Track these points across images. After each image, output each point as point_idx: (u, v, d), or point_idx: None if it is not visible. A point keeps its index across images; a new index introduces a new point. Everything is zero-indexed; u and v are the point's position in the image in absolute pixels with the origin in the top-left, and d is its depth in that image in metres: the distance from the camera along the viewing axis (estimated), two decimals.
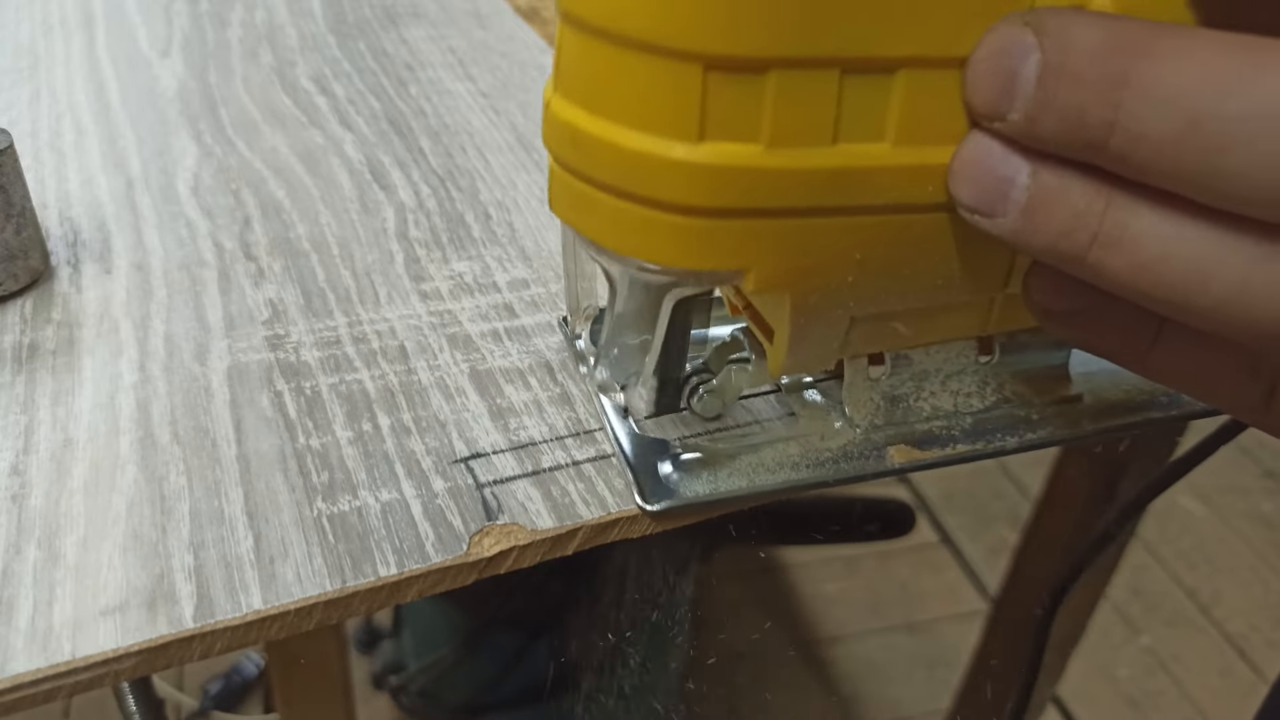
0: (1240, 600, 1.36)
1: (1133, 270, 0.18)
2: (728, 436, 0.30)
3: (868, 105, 0.21)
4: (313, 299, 0.35)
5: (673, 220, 0.22)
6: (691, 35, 0.20)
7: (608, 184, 0.22)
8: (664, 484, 0.28)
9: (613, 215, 0.23)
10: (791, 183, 0.21)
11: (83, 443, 0.29)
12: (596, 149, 0.22)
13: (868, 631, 1.31)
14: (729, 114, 0.20)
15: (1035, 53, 0.18)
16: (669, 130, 0.21)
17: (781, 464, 0.29)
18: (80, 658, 0.23)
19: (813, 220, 0.22)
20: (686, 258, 0.23)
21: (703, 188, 0.21)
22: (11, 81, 0.49)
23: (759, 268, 0.23)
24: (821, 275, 0.23)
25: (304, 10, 0.59)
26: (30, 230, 0.34)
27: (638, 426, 0.30)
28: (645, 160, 0.21)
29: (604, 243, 0.23)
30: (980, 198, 0.20)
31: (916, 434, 0.30)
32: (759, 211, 0.22)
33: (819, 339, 0.26)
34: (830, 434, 0.30)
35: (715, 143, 0.21)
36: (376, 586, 0.25)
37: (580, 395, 0.32)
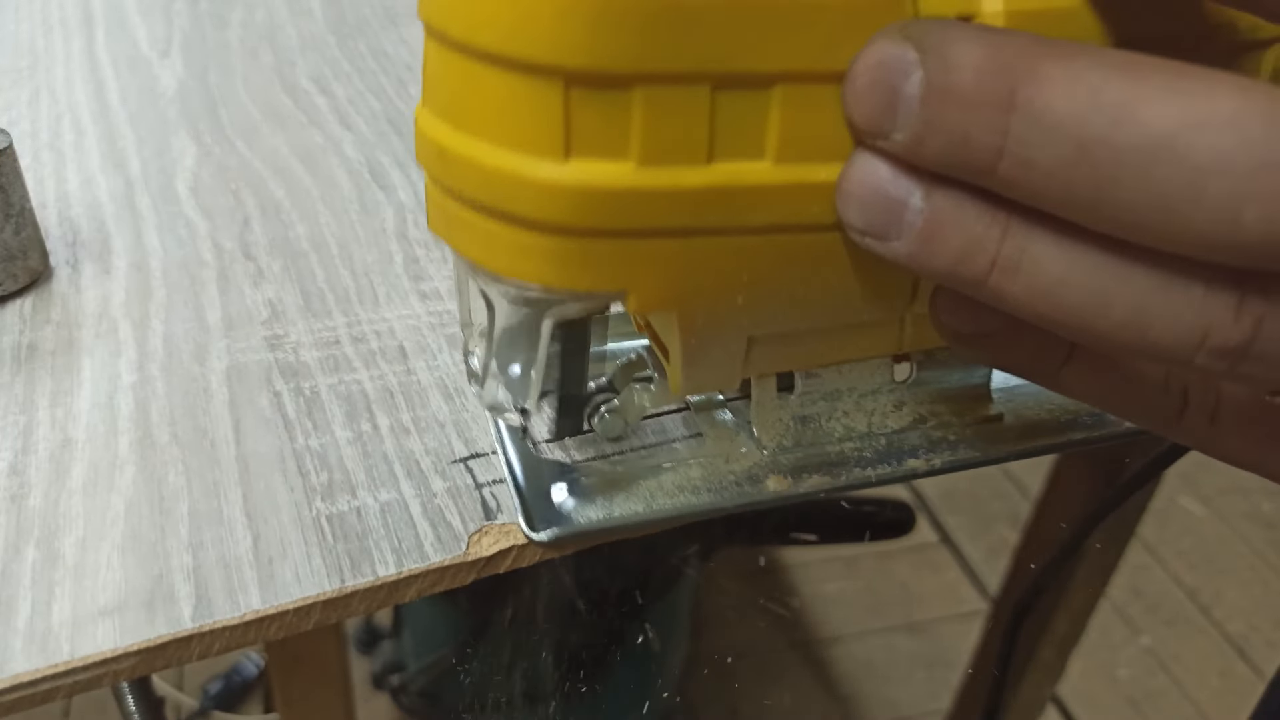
0: (1240, 600, 1.36)
1: (1032, 296, 0.18)
2: (630, 459, 0.29)
3: (744, 122, 0.20)
4: (312, 299, 0.35)
5: (543, 240, 0.21)
6: (552, 50, 0.19)
7: (477, 202, 0.21)
8: (557, 510, 0.27)
9: (484, 234, 0.21)
10: (666, 202, 0.20)
11: (81, 443, 0.29)
12: (463, 166, 0.21)
13: (868, 631, 1.31)
14: (595, 131, 0.19)
15: (917, 70, 0.17)
16: (533, 148, 0.20)
17: (682, 488, 0.28)
18: (79, 658, 0.24)
19: (693, 241, 0.21)
20: (560, 278, 0.21)
21: (571, 207, 0.20)
22: (11, 81, 0.49)
23: (639, 289, 0.22)
24: (707, 296, 0.22)
25: (304, 10, 0.59)
26: (29, 230, 0.34)
27: (537, 448, 0.29)
28: (511, 179, 0.20)
29: (477, 262, 0.22)
30: (871, 221, 0.19)
31: (827, 456, 0.29)
32: (634, 232, 0.21)
33: (715, 359, 0.24)
34: (736, 456, 0.29)
35: (582, 160, 0.20)
36: (375, 586, 0.25)
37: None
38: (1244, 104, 0.15)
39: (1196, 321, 0.16)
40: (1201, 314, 0.16)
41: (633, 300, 0.22)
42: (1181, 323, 0.16)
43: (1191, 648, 1.30)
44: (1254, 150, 0.14)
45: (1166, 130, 0.15)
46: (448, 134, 0.21)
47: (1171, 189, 0.15)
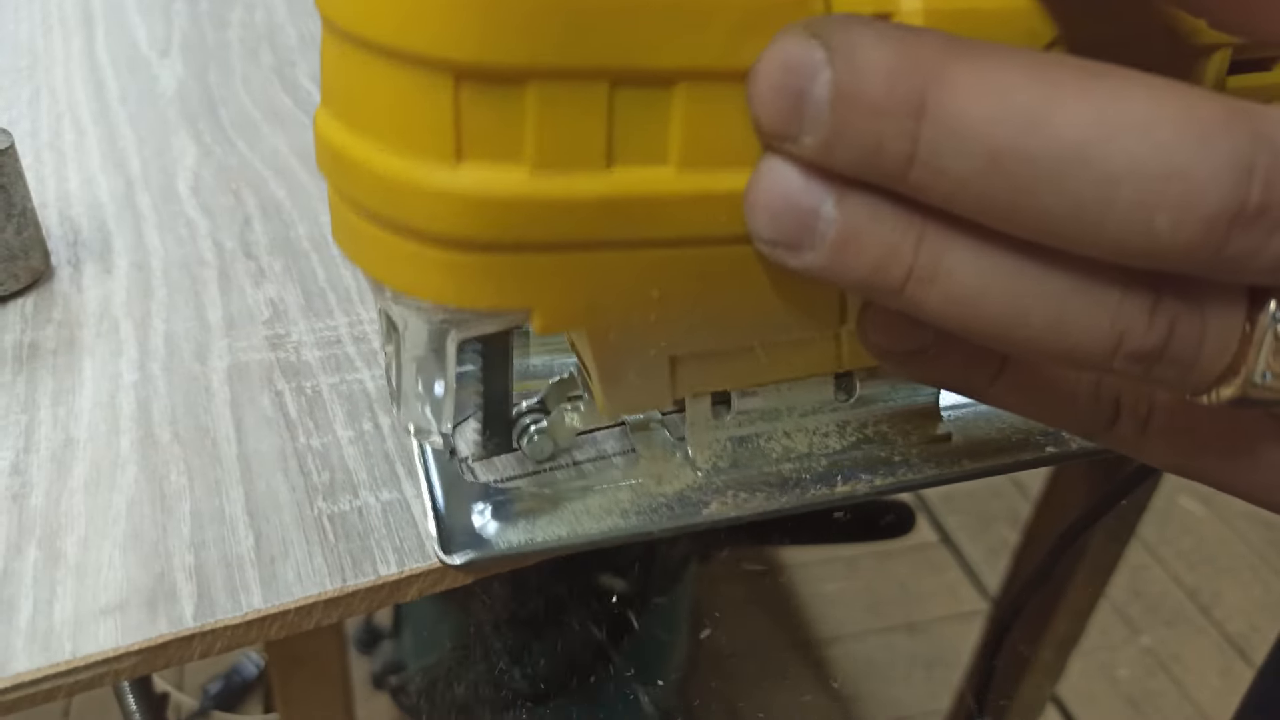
0: (1240, 600, 1.36)
1: (949, 304, 0.17)
2: (560, 479, 0.28)
3: (645, 124, 0.18)
4: (313, 298, 0.35)
5: (441, 254, 0.19)
6: (441, 42, 0.17)
7: (372, 211, 0.19)
8: (476, 534, 0.26)
9: (375, 243, 0.20)
10: (564, 212, 0.19)
11: (83, 442, 0.29)
12: (357, 172, 0.19)
13: (868, 631, 1.31)
14: (487, 132, 0.18)
15: (825, 70, 0.16)
16: (424, 150, 0.18)
17: (609, 510, 0.27)
18: (80, 657, 0.23)
19: (595, 254, 0.20)
20: (459, 296, 0.20)
21: (464, 218, 0.19)
22: (11, 81, 0.49)
23: (543, 307, 0.20)
24: (617, 314, 0.21)
25: (304, 10, 0.59)
26: (31, 230, 0.34)
27: (467, 468, 0.28)
28: (402, 186, 0.19)
29: (376, 277, 0.21)
30: (782, 231, 0.18)
31: (764, 476, 0.28)
32: (533, 245, 0.19)
33: (637, 378, 0.23)
34: (669, 477, 0.28)
35: (474, 165, 0.18)
36: (377, 585, 0.25)
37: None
38: (1156, 108, 0.14)
39: (1113, 326, 0.16)
40: (1118, 318, 0.16)
41: (538, 319, 0.20)
42: (1099, 327, 0.16)
43: (1191, 648, 1.30)
44: (1164, 156, 0.14)
45: (1078, 137, 0.15)
46: (343, 136, 0.19)
47: (1085, 196, 0.15)
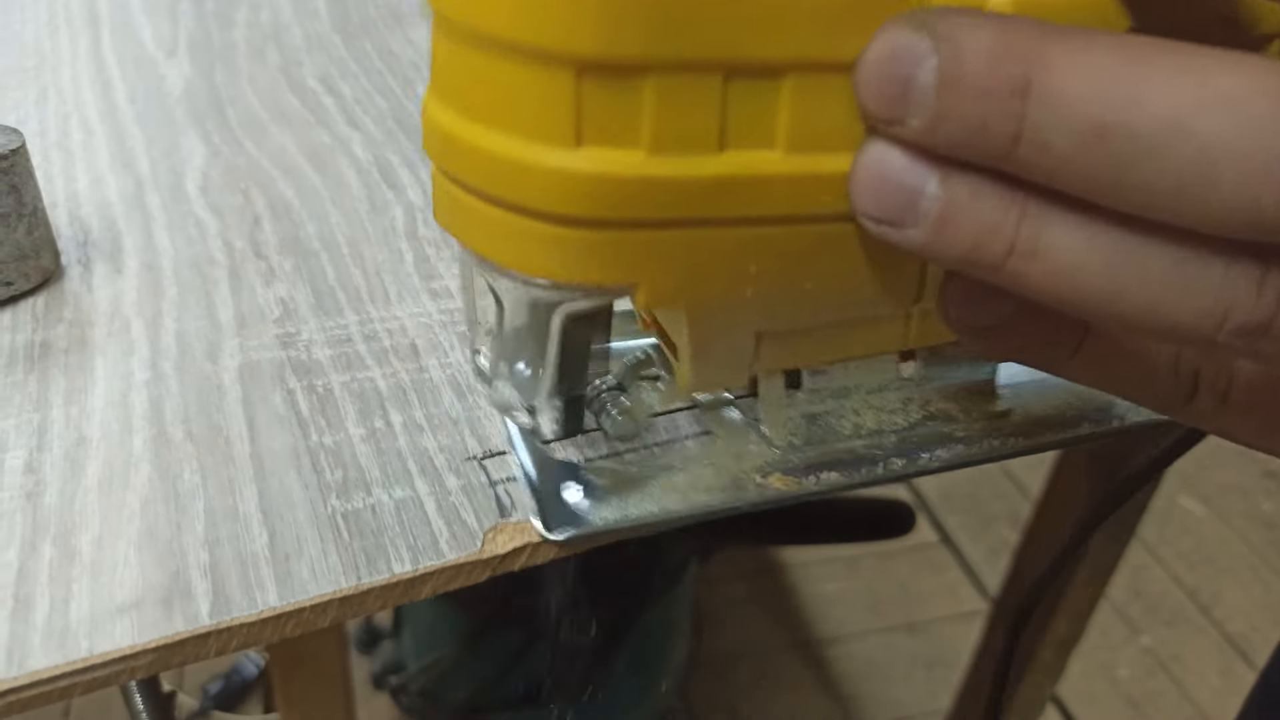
0: (1240, 600, 1.36)
1: (1050, 279, 0.18)
2: (640, 458, 0.29)
3: (755, 111, 0.20)
4: (323, 297, 0.35)
5: (552, 231, 0.20)
6: (564, 38, 0.18)
7: (484, 192, 0.21)
8: (571, 511, 0.27)
9: (492, 225, 0.21)
10: (676, 192, 0.20)
11: (96, 440, 0.29)
12: (471, 155, 0.20)
13: (868, 631, 1.31)
14: (606, 119, 0.19)
15: (931, 58, 0.17)
16: (544, 136, 0.19)
17: (694, 487, 0.28)
18: (97, 655, 0.24)
19: (703, 232, 0.21)
20: (569, 271, 0.21)
21: (580, 197, 0.20)
22: (18, 81, 0.49)
23: (649, 282, 0.21)
24: (717, 290, 0.22)
25: (309, 10, 0.59)
26: (42, 230, 0.34)
27: (547, 447, 0.29)
28: (519, 167, 0.20)
29: (485, 254, 0.22)
30: (886, 209, 0.19)
31: (837, 453, 0.29)
32: (643, 223, 0.20)
33: (724, 355, 0.24)
34: (747, 454, 0.29)
35: (593, 149, 0.19)
36: (392, 583, 0.26)
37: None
38: (1250, 84, 0.15)
39: (1218, 300, 0.16)
40: (1223, 292, 0.16)
41: (641, 295, 0.21)
42: (1202, 302, 0.16)
43: (1191, 648, 1.30)
44: (1263, 132, 0.15)
45: (1176, 113, 0.15)
46: (456, 122, 0.20)
47: (1187, 170, 0.15)
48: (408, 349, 0.33)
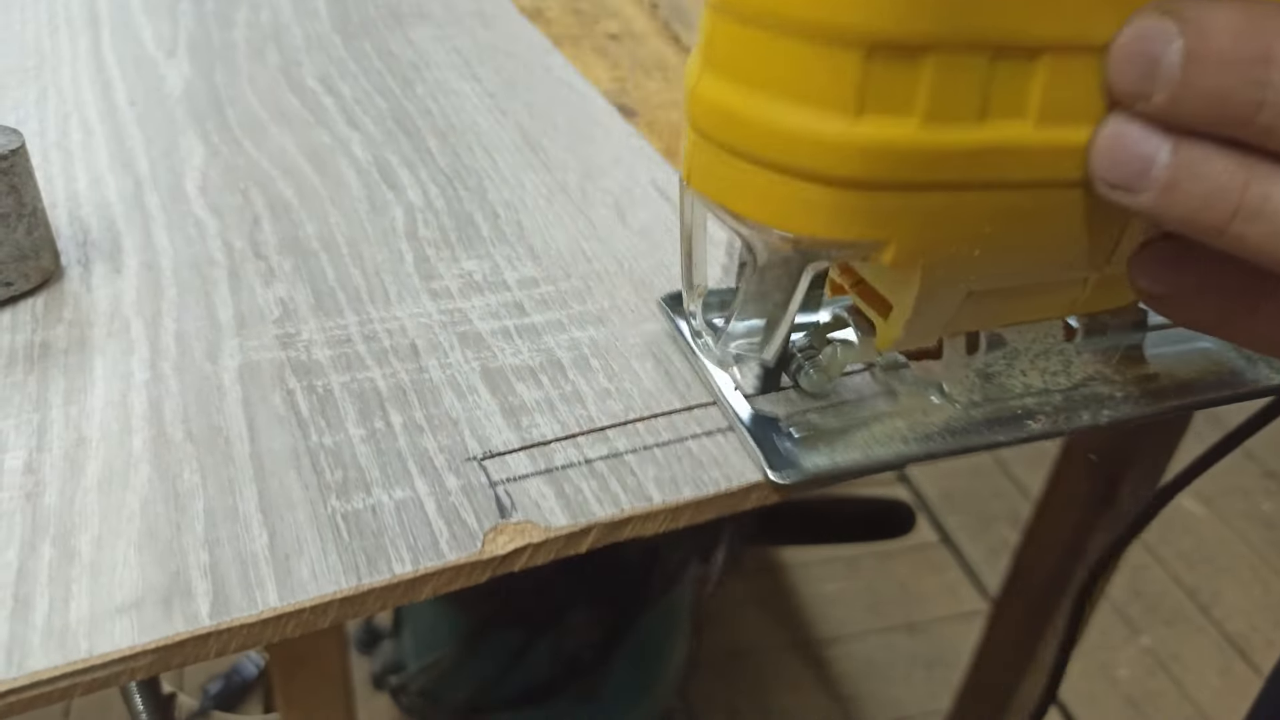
0: (1240, 600, 1.36)
1: (1272, 239, 0.20)
2: (833, 413, 0.31)
3: (1014, 86, 0.22)
4: (323, 298, 0.35)
5: (825, 192, 0.23)
6: (860, 19, 0.21)
7: (761, 157, 0.23)
8: (785, 459, 0.29)
9: (763, 188, 0.24)
10: (940, 158, 0.23)
11: (95, 440, 0.29)
12: (752, 125, 0.23)
13: (868, 631, 1.31)
14: (887, 92, 0.22)
15: (1177, 39, 0.20)
16: (828, 106, 0.22)
17: (892, 438, 0.30)
18: (97, 655, 0.24)
19: (955, 195, 0.23)
20: (836, 229, 0.23)
21: (858, 161, 0.22)
22: (18, 81, 0.49)
23: (900, 240, 0.24)
24: (953, 249, 0.25)
25: (309, 10, 0.59)
26: (41, 230, 0.34)
27: (750, 404, 0.31)
28: (803, 135, 0.22)
29: (751, 215, 0.24)
30: (1121, 175, 0.22)
31: (1011, 409, 0.32)
32: (907, 185, 0.23)
33: (935, 313, 0.27)
34: (931, 410, 0.31)
35: (872, 118, 0.22)
36: (392, 584, 0.26)
37: (592, 393, 0.32)
38: None
39: None
40: None
41: (890, 251, 0.24)
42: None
43: (1191, 648, 1.30)
44: None
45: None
46: (736, 95, 0.23)
47: None
48: (407, 349, 0.33)
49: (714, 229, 0.38)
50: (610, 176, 0.44)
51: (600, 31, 0.62)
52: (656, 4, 0.67)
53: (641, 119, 0.51)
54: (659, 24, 0.64)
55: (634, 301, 0.36)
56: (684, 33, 0.62)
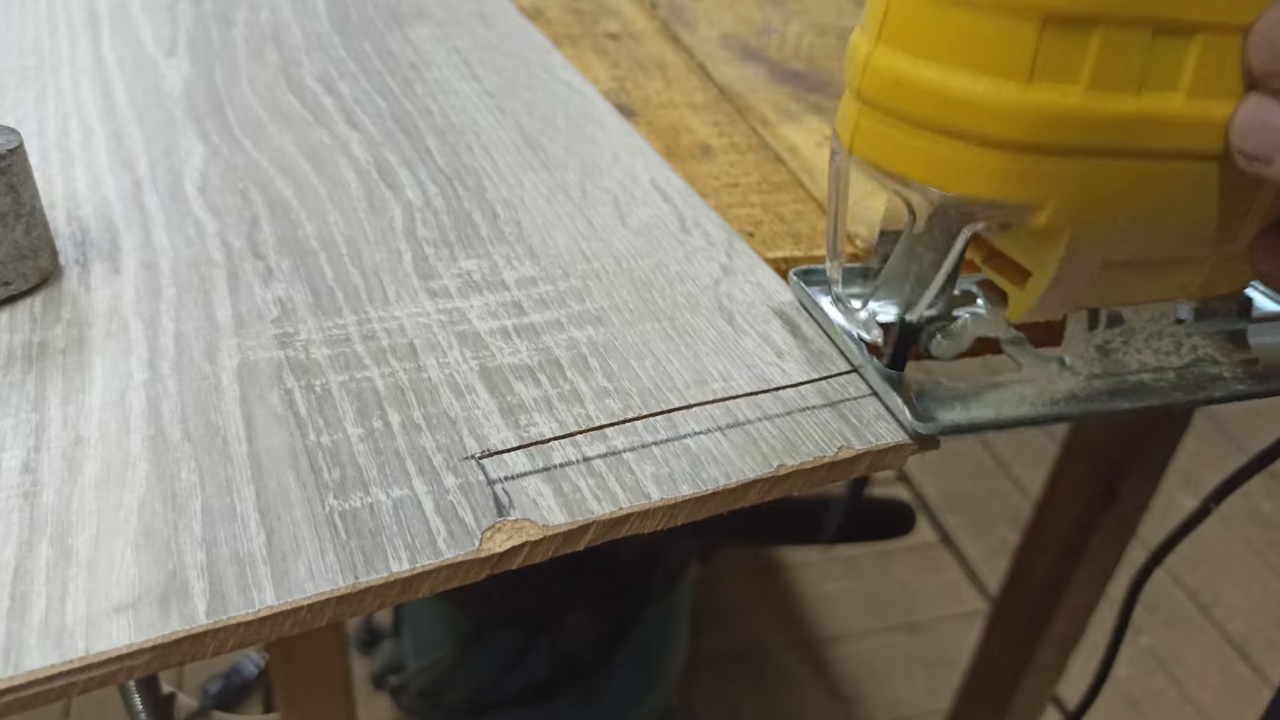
0: (1240, 600, 1.36)
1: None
2: (958, 381, 0.33)
3: (1170, 61, 0.25)
4: (321, 297, 0.35)
5: (992, 155, 0.25)
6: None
7: (932, 122, 0.26)
8: (923, 413, 0.31)
9: (931, 152, 0.26)
10: (1100, 125, 0.25)
11: (93, 440, 0.29)
12: (925, 92, 0.25)
13: (868, 631, 1.31)
14: (1057, 61, 0.24)
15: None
16: (1000, 73, 0.24)
17: (1020, 401, 0.32)
18: (94, 654, 0.24)
19: (1108, 161, 0.26)
20: (1001, 190, 0.26)
21: (1027, 125, 0.24)
22: (18, 81, 0.49)
23: (1055, 203, 0.26)
24: (1101, 215, 0.27)
25: (309, 10, 0.59)
26: (40, 230, 0.34)
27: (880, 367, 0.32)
28: (976, 100, 0.25)
29: (920, 178, 0.27)
30: (1257, 147, 0.24)
31: (1130, 384, 0.34)
32: (1069, 149, 0.25)
33: (1071, 283, 0.29)
34: (1056, 378, 0.33)
35: (1041, 84, 0.24)
36: (389, 582, 0.26)
37: (590, 393, 0.32)
38: None
39: None
40: None
41: (1044, 215, 0.26)
42: None
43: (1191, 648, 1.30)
44: None
45: None
46: (912, 65, 0.26)
47: None
48: (406, 349, 0.33)
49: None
50: (609, 176, 0.44)
51: (600, 31, 0.62)
52: (656, 4, 0.67)
53: (641, 119, 0.51)
54: (659, 24, 0.64)
55: (633, 301, 0.36)
56: (684, 32, 0.63)
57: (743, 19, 0.66)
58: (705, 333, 0.35)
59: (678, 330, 0.35)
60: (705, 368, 0.33)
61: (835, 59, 0.61)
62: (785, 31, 0.64)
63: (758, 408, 0.32)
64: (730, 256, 0.39)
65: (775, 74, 0.58)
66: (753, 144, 0.50)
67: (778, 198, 0.46)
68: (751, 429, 0.31)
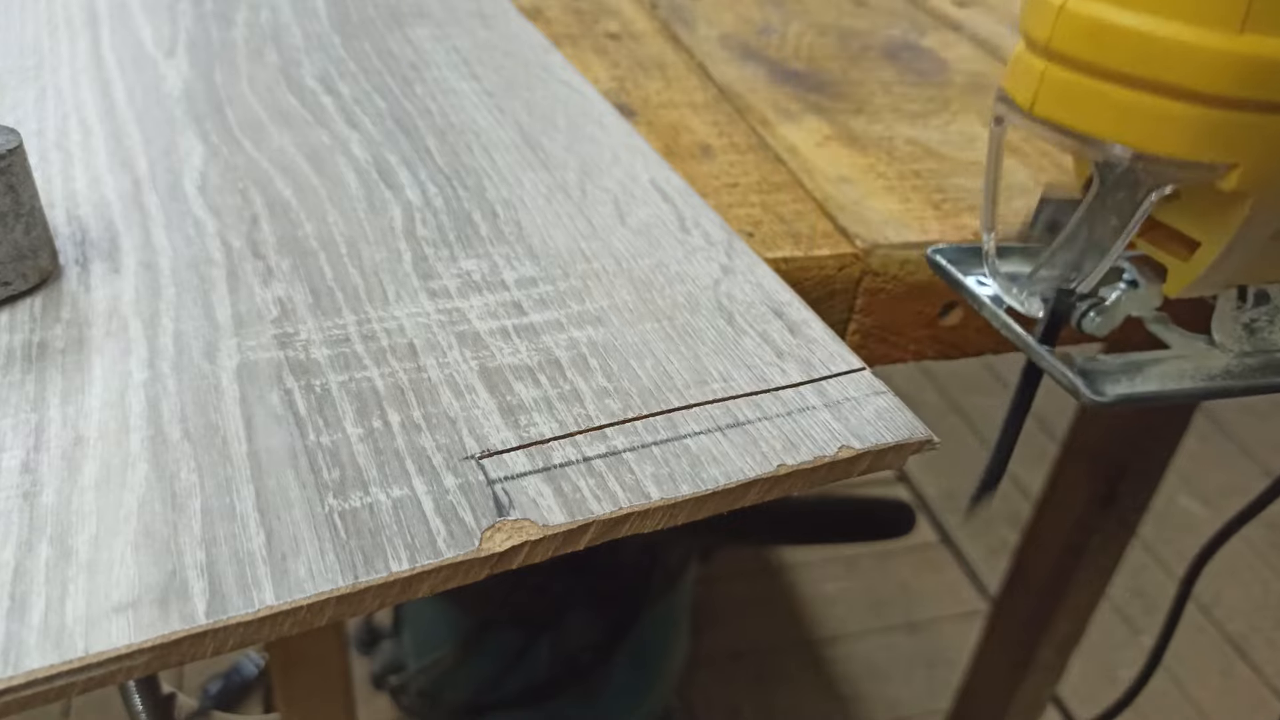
0: (1240, 600, 1.36)
1: None
2: (1110, 357, 0.32)
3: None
4: (321, 297, 0.35)
5: (1191, 110, 0.24)
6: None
7: (1130, 74, 0.24)
8: (1093, 385, 0.30)
9: (1126, 108, 0.25)
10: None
11: (93, 440, 0.29)
12: (1125, 40, 0.24)
13: (868, 631, 1.31)
14: (1274, 6, 0.22)
15: None
16: (1213, 20, 0.22)
17: (1181, 376, 0.32)
18: (94, 654, 0.24)
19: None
20: (1194, 149, 0.24)
21: (1235, 78, 0.23)
22: (17, 81, 0.49)
23: (1248, 165, 0.25)
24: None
25: (308, 10, 0.59)
26: (39, 230, 0.34)
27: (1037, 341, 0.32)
28: (1182, 49, 0.23)
29: (1111, 136, 0.25)
30: None
31: (1274, 361, 0.33)
32: (1273, 106, 0.23)
33: (1241, 253, 0.28)
34: (1209, 355, 0.33)
35: (1255, 35, 0.22)
36: (389, 582, 0.25)
37: (590, 393, 0.32)
38: None
39: None
40: None
41: (1235, 177, 0.25)
42: None
43: (1191, 648, 1.30)
44: None
45: None
46: (1111, 11, 0.24)
47: None
48: (405, 349, 0.33)
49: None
50: (609, 176, 0.44)
51: (600, 31, 0.62)
52: (656, 3, 0.67)
53: (641, 119, 0.51)
54: (658, 23, 0.64)
55: (633, 301, 0.36)
56: (683, 32, 0.63)
57: (743, 19, 0.66)
58: (705, 333, 0.35)
59: (677, 330, 0.35)
60: (705, 368, 0.33)
61: (835, 59, 0.61)
62: (785, 31, 0.64)
63: (757, 408, 0.32)
64: (730, 256, 0.39)
65: (775, 74, 0.58)
66: (752, 144, 0.50)
67: (777, 198, 0.46)
68: (751, 429, 0.31)
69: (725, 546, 1.27)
